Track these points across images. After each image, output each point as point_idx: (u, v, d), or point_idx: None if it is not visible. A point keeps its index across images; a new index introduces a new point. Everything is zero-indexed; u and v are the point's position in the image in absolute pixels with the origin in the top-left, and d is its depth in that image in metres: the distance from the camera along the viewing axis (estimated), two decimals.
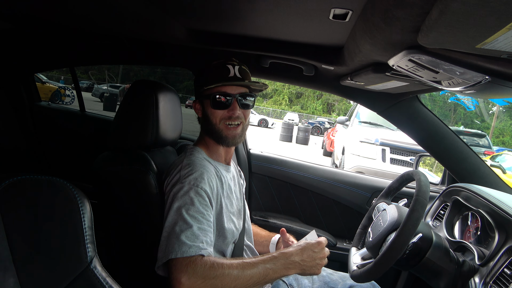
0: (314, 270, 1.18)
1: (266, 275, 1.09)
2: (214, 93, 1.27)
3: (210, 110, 1.29)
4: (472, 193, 1.42)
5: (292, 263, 1.14)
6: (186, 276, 1.01)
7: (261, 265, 1.10)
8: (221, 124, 1.29)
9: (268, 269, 1.10)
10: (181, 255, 1.03)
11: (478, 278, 1.16)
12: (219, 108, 1.28)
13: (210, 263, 1.04)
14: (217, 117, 1.29)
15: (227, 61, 1.31)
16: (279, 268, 1.12)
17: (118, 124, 1.35)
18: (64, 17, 1.68)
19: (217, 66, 1.31)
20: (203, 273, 1.02)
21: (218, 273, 1.03)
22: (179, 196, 1.14)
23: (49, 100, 6.06)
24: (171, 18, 1.47)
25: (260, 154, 2.39)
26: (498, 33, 0.57)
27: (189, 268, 1.02)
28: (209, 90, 1.28)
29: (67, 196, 0.83)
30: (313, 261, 1.17)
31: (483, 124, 26.76)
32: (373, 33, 0.89)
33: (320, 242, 1.21)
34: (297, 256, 1.15)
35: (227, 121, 1.28)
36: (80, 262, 0.82)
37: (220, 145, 1.34)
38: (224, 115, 1.28)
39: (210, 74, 1.30)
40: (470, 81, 0.84)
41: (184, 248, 1.04)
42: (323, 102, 38.47)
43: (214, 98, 1.27)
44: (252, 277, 1.07)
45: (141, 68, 25.54)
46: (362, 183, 2.23)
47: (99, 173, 1.30)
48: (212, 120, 1.30)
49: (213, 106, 1.28)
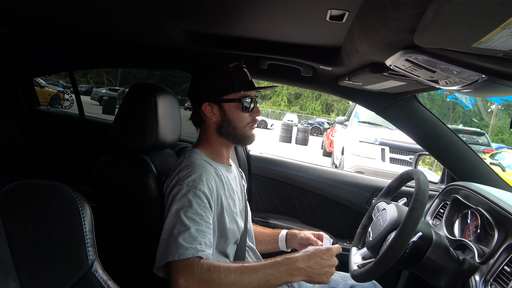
0: (323, 278, 1.12)
1: (267, 281, 1.06)
2: (242, 97, 1.31)
3: (238, 114, 1.32)
4: (471, 191, 1.43)
5: (297, 269, 1.09)
6: (184, 278, 1.01)
7: (261, 270, 1.07)
8: (246, 127, 1.34)
9: (269, 274, 1.06)
10: (178, 257, 1.03)
11: (478, 276, 1.17)
12: (247, 111, 1.33)
13: (207, 265, 1.03)
14: (244, 121, 1.33)
15: (241, 64, 1.36)
16: (282, 274, 1.08)
17: (117, 127, 1.36)
18: (62, 22, 1.69)
19: (236, 70, 1.33)
20: (200, 276, 1.01)
21: (214, 277, 1.01)
22: (177, 198, 1.14)
23: (48, 104, 6.06)
24: (169, 20, 1.47)
25: (259, 156, 2.39)
26: (493, 32, 0.57)
27: (186, 270, 1.02)
28: (235, 94, 1.31)
29: (68, 199, 0.83)
30: (321, 268, 1.12)
31: (482, 122, 26.78)
32: (369, 34, 0.89)
33: (330, 249, 1.16)
34: (302, 262, 1.10)
35: (252, 123, 1.35)
36: (81, 265, 0.82)
37: (229, 145, 1.37)
38: (249, 119, 1.34)
39: (232, 78, 1.32)
40: (467, 80, 0.85)
41: (181, 250, 1.04)
42: (322, 102, 38.49)
43: (245, 102, 1.31)
44: (251, 282, 1.04)
45: (140, 71, 25.53)
46: (361, 183, 2.23)
47: (99, 176, 1.30)
48: (237, 124, 1.32)
49: (244, 110, 1.32)
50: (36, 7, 1.38)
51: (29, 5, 1.36)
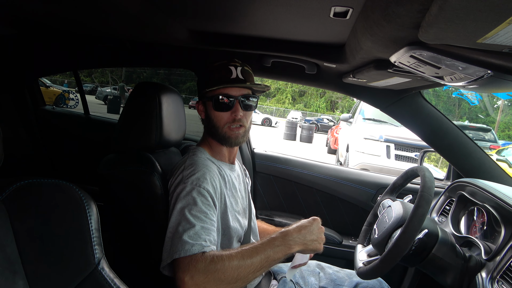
0: (316, 244, 1.19)
1: (268, 257, 1.10)
2: (216, 95, 1.27)
3: (213, 113, 1.30)
4: (477, 188, 1.42)
5: (292, 240, 1.15)
6: (189, 275, 1.01)
7: (260, 249, 1.10)
8: (225, 127, 1.29)
9: (268, 251, 1.11)
10: (184, 254, 1.04)
11: (485, 273, 1.16)
12: (222, 110, 1.28)
13: (210, 257, 1.04)
14: (221, 120, 1.29)
15: (229, 62, 1.31)
16: (280, 248, 1.13)
17: (122, 126, 1.36)
18: (67, 23, 1.70)
19: (219, 67, 1.30)
20: (205, 269, 1.02)
21: (219, 266, 1.03)
22: (182, 196, 1.15)
23: (54, 104, 6.09)
24: (172, 19, 1.48)
25: (264, 153, 2.39)
26: (499, 27, 0.57)
27: (191, 266, 1.02)
28: (211, 92, 1.28)
29: (74, 198, 0.84)
30: (313, 235, 1.19)
31: (488, 118, 26.55)
32: (373, 30, 0.89)
33: (315, 218, 1.23)
34: (295, 233, 1.17)
35: (231, 124, 1.29)
36: (88, 263, 0.83)
37: (223, 146, 1.34)
38: (228, 119, 1.28)
39: (213, 75, 1.30)
40: (472, 76, 0.84)
41: (186, 247, 1.05)
42: (327, 99, 38.37)
43: (217, 100, 1.27)
44: (253, 263, 1.07)
45: (144, 70, 25.61)
46: (367, 180, 2.23)
47: (105, 175, 1.31)
48: (216, 123, 1.30)
49: (215, 108, 1.28)
50: (40, 8, 1.39)
51: (33, 6, 1.37)
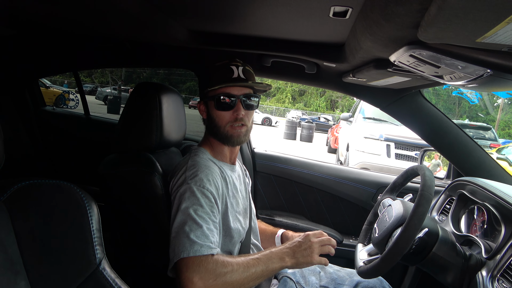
0: (307, 258, 1.22)
1: (267, 267, 1.16)
2: (218, 94, 1.27)
3: (215, 112, 1.29)
4: (477, 186, 1.42)
5: (286, 253, 1.21)
6: (199, 276, 1.01)
7: (262, 261, 1.16)
8: (227, 126, 1.29)
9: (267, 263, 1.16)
10: (193, 254, 1.04)
11: (485, 272, 1.16)
12: (224, 109, 1.28)
13: (221, 261, 1.07)
14: (223, 119, 1.29)
15: (231, 62, 1.31)
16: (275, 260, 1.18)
17: (123, 127, 1.36)
18: (67, 23, 1.70)
19: (220, 67, 1.30)
20: (215, 271, 1.04)
21: (228, 270, 1.06)
22: (186, 197, 1.14)
23: (54, 105, 6.09)
24: (172, 19, 1.48)
25: (264, 153, 2.39)
26: (498, 26, 0.57)
27: (201, 267, 1.03)
28: (213, 91, 1.28)
29: (75, 199, 0.84)
30: (301, 248, 1.22)
31: (488, 117, 26.53)
32: (373, 30, 0.89)
33: (307, 234, 1.28)
34: (286, 247, 1.24)
35: (233, 123, 1.29)
36: (89, 264, 0.83)
37: (225, 145, 1.34)
38: (230, 118, 1.28)
39: (214, 75, 1.30)
40: (472, 75, 0.84)
41: (196, 247, 1.05)
42: (327, 99, 38.37)
43: (219, 99, 1.27)
44: (255, 272, 1.12)
45: (144, 70, 25.61)
46: (367, 179, 2.23)
47: (105, 175, 1.31)
48: (218, 122, 1.30)
49: (217, 108, 1.28)
50: (40, 8, 1.39)
51: (33, 6, 1.37)
